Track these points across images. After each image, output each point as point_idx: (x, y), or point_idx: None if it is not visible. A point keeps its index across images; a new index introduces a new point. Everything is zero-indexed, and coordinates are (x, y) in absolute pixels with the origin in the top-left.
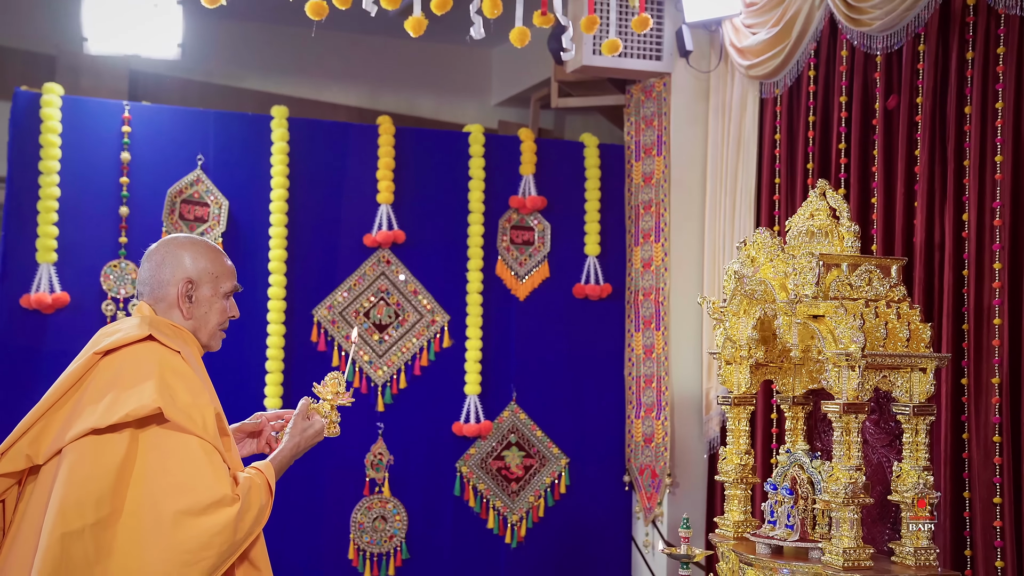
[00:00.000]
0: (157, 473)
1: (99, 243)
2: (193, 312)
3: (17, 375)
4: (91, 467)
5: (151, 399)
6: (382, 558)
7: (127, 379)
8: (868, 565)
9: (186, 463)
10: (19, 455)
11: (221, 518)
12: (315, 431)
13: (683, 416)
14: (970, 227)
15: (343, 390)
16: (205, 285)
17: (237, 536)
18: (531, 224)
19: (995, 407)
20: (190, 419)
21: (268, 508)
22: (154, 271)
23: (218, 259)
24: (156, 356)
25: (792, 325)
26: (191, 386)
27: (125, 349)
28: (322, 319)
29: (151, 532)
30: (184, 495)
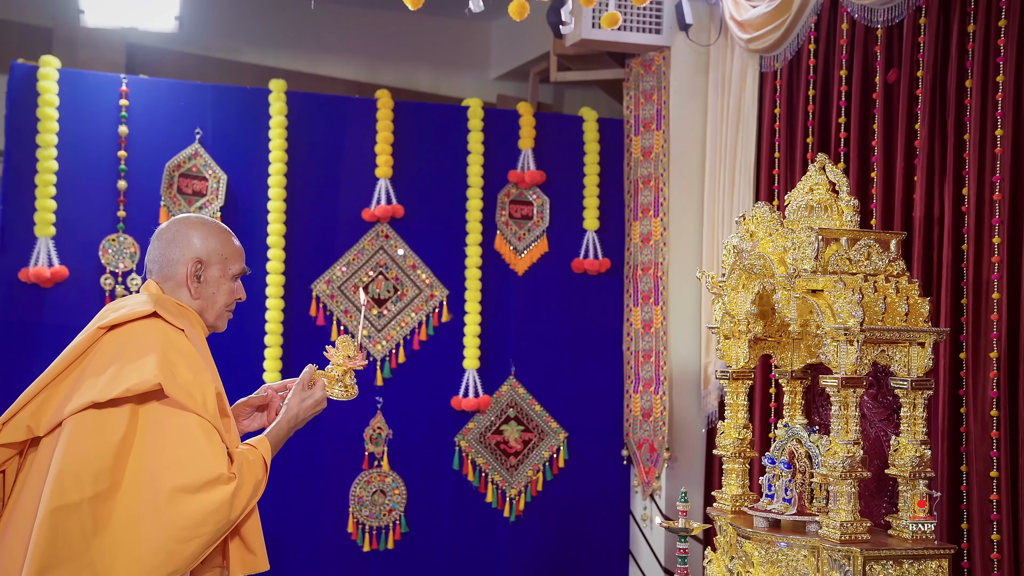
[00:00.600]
0: (155, 449)
1: (97, 217)
2: (201, 292)
3: (16, 349)
4: (91, 441)
5: (152, 374)
6: (381, 531)
7: (129, 354)
8: (865, 538)
9: (184, 440)
10: (20, 426)
11: (217, 496)
12: (314, 400)
13: (681, 391)
14: (970, 201)
15: (354, 353)
16: (214, 266)
17: (232, 514)
18: (530, 199)
19: (993, 381)
20: (190, 396)
21: (263, 483)
22: (163, 250)
23: (228, 240)
24: (160, 333)
25: (791, 299)
26: (193, 364)
27: (129, 325)
28: (321, 293)
29: (148, 508)
30: (181, 472)
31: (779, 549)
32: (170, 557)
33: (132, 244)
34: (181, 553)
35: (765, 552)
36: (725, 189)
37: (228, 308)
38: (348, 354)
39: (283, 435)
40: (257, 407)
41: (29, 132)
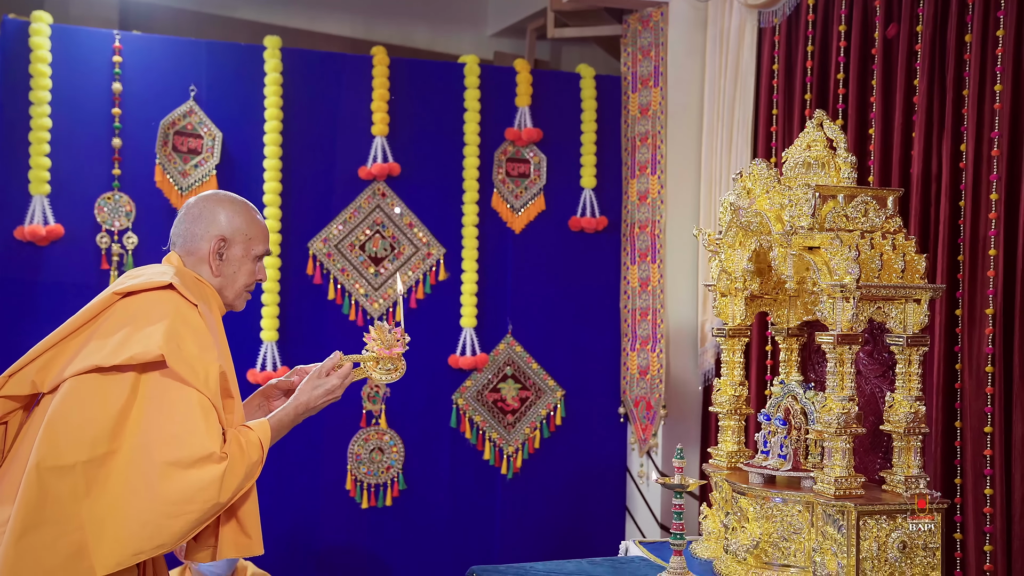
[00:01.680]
0: (152, 420)
1: (92, 175)
2: (222, 270)
3: (12, 307)
4: (92, 405)
5: (156, 345)
6: (379, 489)
7: (139, 323)
8: (859, 493)
9: (181, 414)
10: (25, 380)
11: (206, 475)
12: (326, 389)
13: (678, 348)
14: (968, 158)
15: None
16: (237, 245)
17: (221, 496)
18: (527, 156)
19: (988, 338)
20: (192, 371)
21: (258, 467)
22: (189, 224)
23: (254, 221)
24: (172, 305)
25: (787, 257)
26: (200, 340)
27: (144, 294)
28: (317, 252)
29: (139, 478)
30: (175, 446)
31: (774, 504)
32: (157, 531)
33: (128, 202)
34: (168, 528)
35: (760, 508)
36: (723, 146)
37: (248, 288)
38: (382, 342)
39: (288, 421)
40: (286, 391)
41: (22, 88)
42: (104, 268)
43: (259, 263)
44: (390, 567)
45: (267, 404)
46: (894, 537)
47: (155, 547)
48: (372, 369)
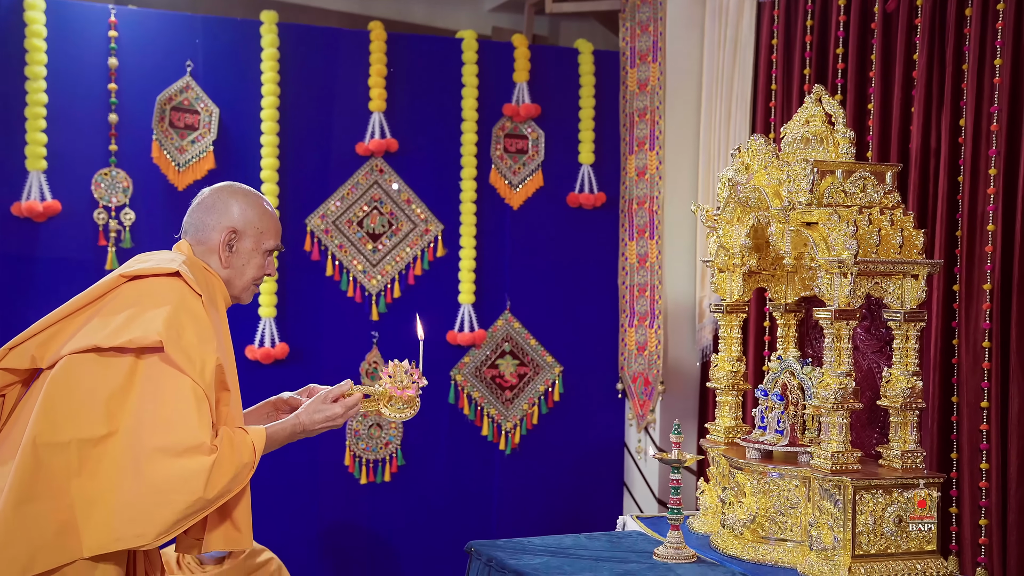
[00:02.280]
0: (146, 405)
1: (89, 150)
2: (231, 262)
3: (9, 284)
4: (90, 384)
5: (156, 331)
6: (378, 464)
7: (141, 307)
8: (855, 468)
9: (175, 401)
10: (25, 355)
11: (193, 465)
12: (325, 416)
13: (676, 324)
14: (967, 132)
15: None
16: (248, 238)
17: (208, 492)
18: (525, 132)
19: (986, 313)
20: (189, 360)
21: (248, 471)
22: (202, 213)
23: (267, 215)
24: (177, 293)
25: (785, 232)
26: (201, 330)
27: (150, 279)
28: (315, 228)
29: (129, 462)
30: (165, 432)
31: (771, 479)
32: (137, 516)
33: (125, 178)
34: (148, 516)
35: (757, 482)
36: (721, 122)
37: (256, 282)
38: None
39: (282, 436)
40: (293, 408)
41: (17, 63)
42: (101, 244)
43: (269, 258)
44: (388, 542)
45: (275, 415)
46: (890, 511)
47: (135, 535)
48: (383, 404)
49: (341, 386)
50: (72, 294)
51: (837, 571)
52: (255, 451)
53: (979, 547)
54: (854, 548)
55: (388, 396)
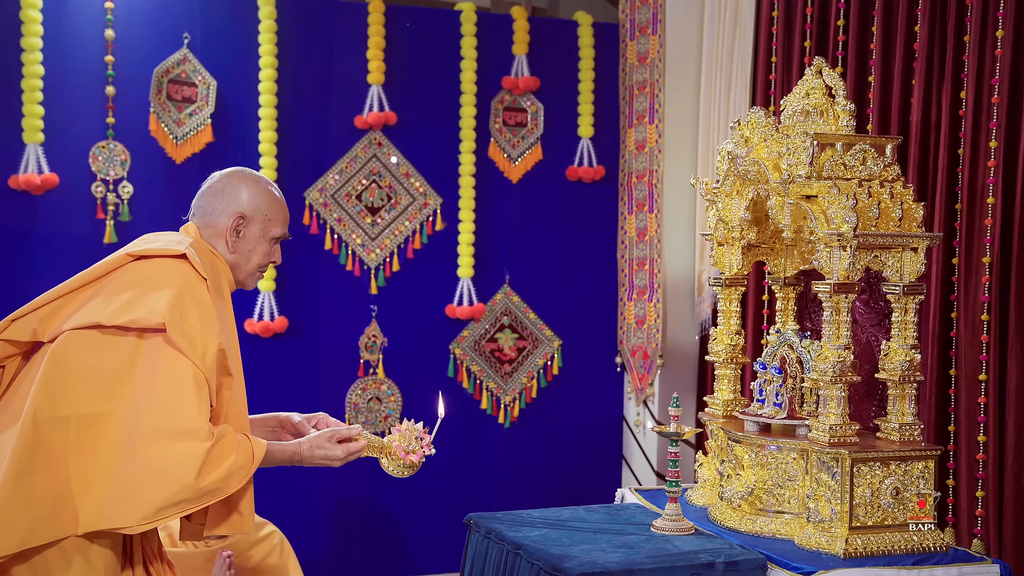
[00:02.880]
0: (145, 385)
1: (86, 123)
2: (238, 247)
3: (8, 257)
4: (90, 361)
5: (159, 313)
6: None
7: (146, 288)
8: (853, 441)
9: (174, 384)
10: (27, 327)
11: (188, 449)
12: (324, 455)
13: (675, 298)
14: (967, 105)
15: (412, 446)
16: (256, 224)
17: (200, 481)
18: (524, 105)
19: (985, 286)
20: (191, 344)
21: (243, 473)
22: (211, 197)
23: (275, 203)
24: (182, 276)
25: (785, 206)
26: (204, 315)
27: (157, 260)
28: (314, 202)
29: (124, 442)
30: (163, 413)
31: (769, 452)
32: (124, 497)
33: (123, 151)
34: (134, 498)
35: (755, 455)
36: (721, 95)
37: (261, 269)
38: (405, 443)
39: (280, 458)
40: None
41: (13, 35)
42: (100, 218)
43: (275, 245)
44: (389, 515)
45: (278, 432)
46: (887, 483)
47: (120, 515)
48: (385, 456)
49: (351, 429)
50: (70, 267)
51: (834, 543)
52: (253, 458)
53: (975, 519)
54: (851, 520)
55: (391, 451)
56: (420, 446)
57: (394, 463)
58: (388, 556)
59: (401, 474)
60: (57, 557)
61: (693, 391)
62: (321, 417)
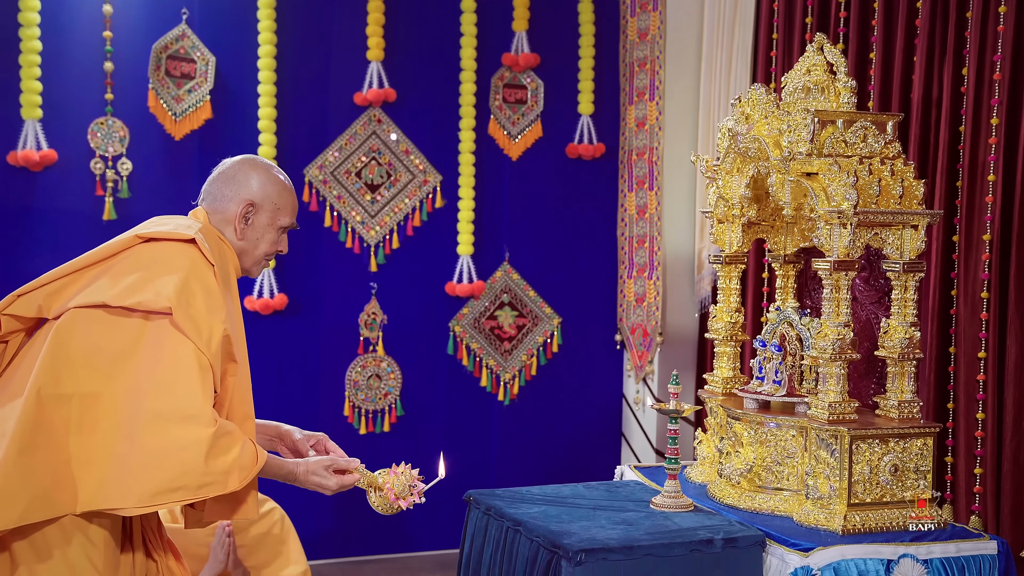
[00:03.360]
0: (148, 367)
1: (85, 99)
2: (246, 234)
3: (6, 233)
4: (94, 340)
5: (166, 297)
6: (377, 415)
7: (154, 271)
8: (852, 418)
9: (178, 367)
10: (32, 303)
11: (192, 434)
12: (317, 482)
13: (675, 276)
14: (969, 82)
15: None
16: (265, 212)
17: (200, 469)
18: (524, 82)
19: (985, 264)
20: (196, 329)
21: (244, 474)
22: (221, 183)
23: (285, 192)
24: (190, 260)
25: (785, 183)
26: (210, 300)
27: (166, 243)
28: (313, 179)
29: (126, 422)
30: (165, 397)
31: (768, 429)
32: (122, 478)
33: (121, 127)
34: (134, 482)
35: (754, 433)
36: (722, 71)
37: (267, 257)
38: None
39: (276, 472)
40: (294, 451)
41: (10, 10)
42: (99, 194)
43: (283, 235)
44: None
45: (276, 443)
46: (886, 460)
47: (116, 496)
48: (375, 491)
49: (350, 462)
50: (70, 244)
51: (833, 519)
52: (257, 460)
53: (973, 495)
54: (850, 497)
55: (383, 490)
56: (411, 493)
57: (381, 500)
58: (387, 532)
59: (384, 512)
60: (57, 534)
61: (692, 369)
62: (321, 438)
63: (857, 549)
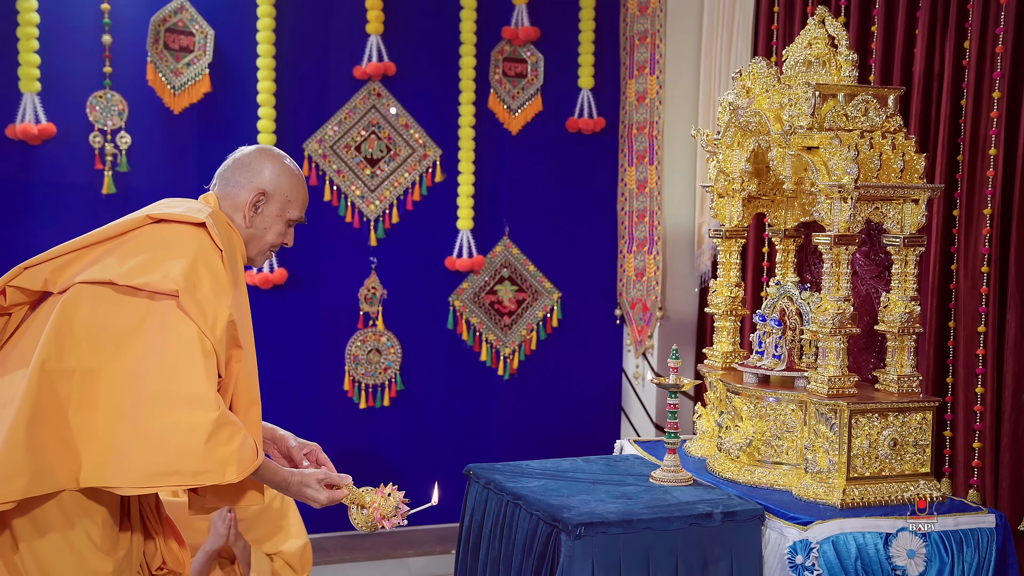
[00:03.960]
0: (154, 348)
1: (83, 73)
2: (254, 222)
3: (5, 207)
4: (102, 318)
5: (173, 279)
6: (377, 389)
7: (163, 252)
8: (852, 392)
9: (181, 350)
10: (38, 276)
11: (193, 419)
12: (308, 495)
13: (675, 250)
14: (971, 55)
15: (390, 514)
16: (275, 202)
17: (208, 451)
18: (524, 56)
19: (985, 238)
20: (202, 313)
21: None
22: (235, 170)
23: (298, 186)
24: (199, 244)
25: (786, 157)
26: (217, 285)
27: (177, 225)
28: (313, 153)
29: (127, 405)
30: (168, 379)
31: (768, 404)
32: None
33: (120, 101)
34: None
35: (754, 407)
36: (723, 45)
37: (272, 248)
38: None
39: (269, 477)
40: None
41: None
42: (98, 168)
43: (290, 228)
44: (388, 466)
45: (268, 446)
46: (885, 435)
47: (114, 475)
48: (358, 507)
49: (342, 478)
50: (69, 218)
51: (831, 493)
52: (257, 455)
53: (972, 470)
54: (849, 471)
55: (365, 506)
56: (395, 514)
57: (363, 519)
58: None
59: (363, 529)
60: (56, 511)
61: (692, 343)
62: (315, 448)
63: (856, 523)
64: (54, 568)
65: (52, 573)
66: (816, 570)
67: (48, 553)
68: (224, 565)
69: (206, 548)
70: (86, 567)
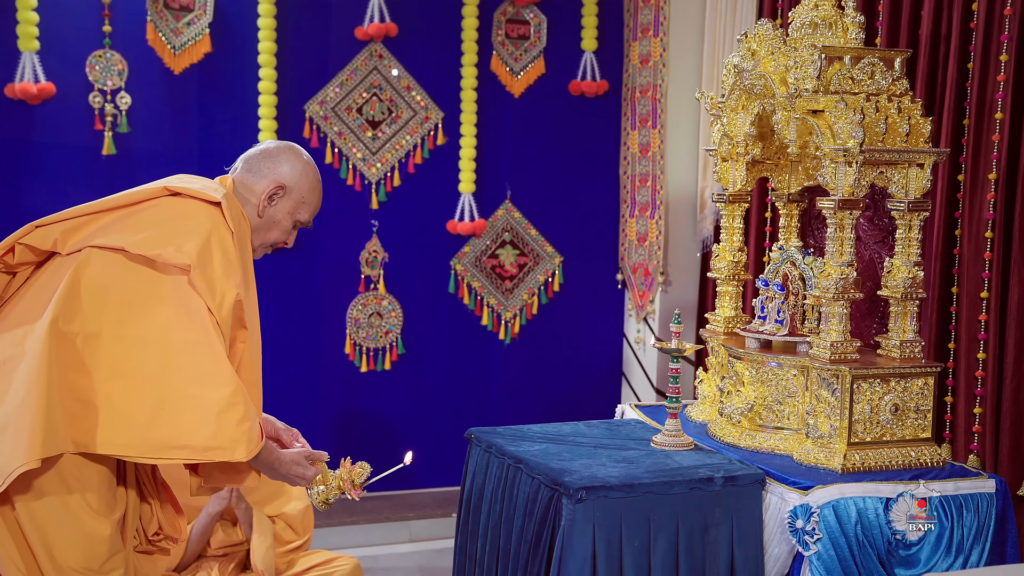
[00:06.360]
0: (168, 322)
1: (82, 32)
2: (265, 213)
3: (5, 167)
4: (111, 284)
5: (186, 255)
6: (378, 353)
7: (177, 226)
8: (854, 358)
9: (194, 325)
10: (49, 236)
11: (208, 395)
12: (299, 472)
13: (677, 215)
14: (979, 17)
15: (358, 482)
16: (290, 199)
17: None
18: (527, 17)
19: (990, 203)
20: (211, 291)
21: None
22: (259, 159)
23: (316, 190)
24: (213, 223)
25: (791, 120)
26: (227, 265)
27: (193, 200)
28: (314, 115)
29: (137, 375)
30: (184, 353)
31: (769, 369)
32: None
33: (120, 60)
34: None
35: (756, 372)
36: (727, 6)
37: (273, 244)
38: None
39: (266, 456)
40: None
41: None
42: (98, 129)
43: (294, 230)
44: (389, 429)
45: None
46: (887, 400)
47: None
48: (323, 484)
49: (320, 454)
50: (69, 179)
51: (833, 458)
52: (262, 439)
53: (972, 435)
54: (850, 436)
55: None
56: (353, 487)
57: (321, 495)
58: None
59: (319, 507)
60: (53, 474)
61: (694, 308)
62: (296, 432)
63: (856, 487)
64: (51, 530)
65: (49, 535)
66: (816, 534)
67: (45, 515)
68: (226, 527)
69: (208, 510)
70: (82, 528)
